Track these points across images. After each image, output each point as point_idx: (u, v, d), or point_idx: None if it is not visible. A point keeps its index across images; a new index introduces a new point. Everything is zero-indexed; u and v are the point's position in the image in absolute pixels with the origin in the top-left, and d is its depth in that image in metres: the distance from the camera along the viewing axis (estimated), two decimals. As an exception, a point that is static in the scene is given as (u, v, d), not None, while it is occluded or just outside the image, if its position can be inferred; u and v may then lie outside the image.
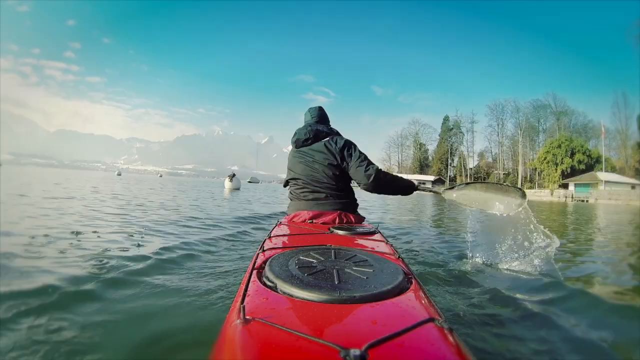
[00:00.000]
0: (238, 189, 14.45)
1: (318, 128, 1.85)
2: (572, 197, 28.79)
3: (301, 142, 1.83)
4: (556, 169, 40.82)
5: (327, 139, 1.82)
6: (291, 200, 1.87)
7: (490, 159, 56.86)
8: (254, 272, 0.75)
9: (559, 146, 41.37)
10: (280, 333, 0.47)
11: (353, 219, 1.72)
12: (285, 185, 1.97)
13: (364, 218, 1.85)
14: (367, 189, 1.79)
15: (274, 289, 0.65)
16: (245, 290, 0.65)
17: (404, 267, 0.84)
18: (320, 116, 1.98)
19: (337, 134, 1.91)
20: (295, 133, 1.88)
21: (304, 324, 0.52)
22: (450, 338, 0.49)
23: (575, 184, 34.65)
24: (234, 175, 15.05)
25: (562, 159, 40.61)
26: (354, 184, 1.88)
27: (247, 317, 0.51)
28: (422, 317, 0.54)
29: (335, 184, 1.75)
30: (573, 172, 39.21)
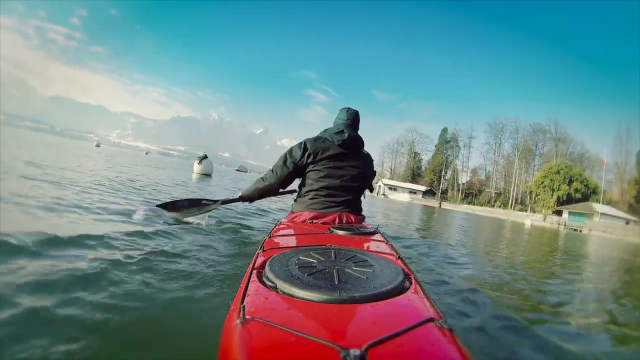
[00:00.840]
0: (209, 174, 11.87)
1: (360, 136, 1.84)
2: (565, 225, 28.38)
3: (347, 144, 1.74)
4: (552, 195, 40.66)
5: (366, 154, 1.89)
6: (301, 196, 1.79)
7: (483, 177, 57.27)
8: (254, 272, 0.75)
9: (558, 172, 41.20)
10: (280, 333, 0.47)
11: (353, 219, 1.72)
12: (297, 168, 1.79)
13: (364, 218, 1.85)
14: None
15: (274, 289, 0.65)
16: (245, 290, 0.65)
17: (404, 267, 0.84)
18: (356, 122, 1.91)
19: None
20: (343, 131, 1.74)
21: (304, 324, 0.52)
22: (450, 338, 0.49)
23: (569, 212, 34.39)
24: (205, 156, 12.02)
25: (560, 185, 40.42)
26: None
27: (247, 317, 0.51)
28: (422, 317, 0.54)
29: (356, 193, 1.83)
30: (569, 200, 38.96)
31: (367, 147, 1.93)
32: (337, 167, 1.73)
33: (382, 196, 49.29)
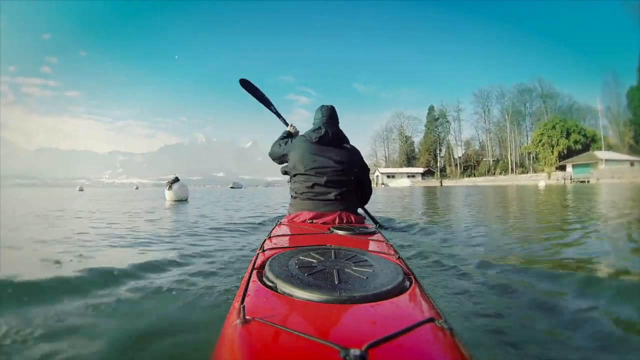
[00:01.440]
0: (184, 200, 10.04)
1: (340, 131, 1.85)
2: (572, 179, 27.53)
3: (326, 139, 1.77)
4: (552, 151, 39.28)
5: (349, 146, 1.85)
6: (294, 198, 1.83)
7: (477, 147, 56.32)
8: (254, 272, 0.75)
9: (554, 127, 39.80)
10: (280, 333, 0.47)
11: (353, 219, 1.72)
12: (285, 173, 1.94)
13: (364, 218, 1.85)
14: (361, 202, 2.05)
15: (274, 289, 0.65)
16: (245, 290, 0.65)
17: (404, 267, 0.84)
18: (334, 117, 1.92)
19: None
20: (320, 127, 1.79)
21: (304, 324, 0.52)
22: (451, 338, 0.49)
23: (573, 165, 33.29)
24: (176, 179, 10.13)
25: (558, 140, 39.06)
26: None
27: (247, 317, 0.51)
28: (422, 317, 0.54)
29: (348, 189, 1.79)
30: (570, 154, 37.78)
31: (358, 141, 1.94)
32: (321, 164, 1.74)
33: (382, 185, 48.42)
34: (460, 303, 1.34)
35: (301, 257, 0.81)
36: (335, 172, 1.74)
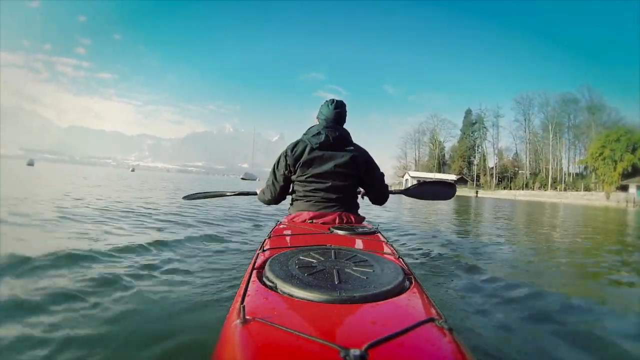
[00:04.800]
0: None
1: (346, 135, 1.78)
2: (634, 203, 23.13)
3: (326, 145, 1.72)
4: (614, 167, 32.29)
5: (354, 148, 1.80)
6: (295, 200, 1.85)
7: (511, 157, 51.74)
8: (254, 272, 0.75)
9: (618, 140, 32.69)
10: (280, 333, 0.47)
11: (353, 219, 1.72)
12: (287, 178, 1.83)
13: (364, 218, 1.85)
14: (376, 204, 1.94)
15: (274, 289, 0.65)
16: (245, 290, 0.65)
17: (404, 267, 0.84)
18: (342, 115, 1.83)
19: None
20: (320, 133, 1.73)
21: (304, 324, 0.52)
22: (450, 338, 0.49)
23: (637, 186, 27.97)
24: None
25: (622, 155, 31.95)
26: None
27: (247, 317, 0.51)
28: (422, 317, 0.54)
29: (349, 191, 1.77)
30: (635, 172, 31.36)
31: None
32: (323, 170, 1.72)
33: None
34: (460, 303, 1.34)
35: (301, 257, 0.81)
36: (336, 176, 1.73)
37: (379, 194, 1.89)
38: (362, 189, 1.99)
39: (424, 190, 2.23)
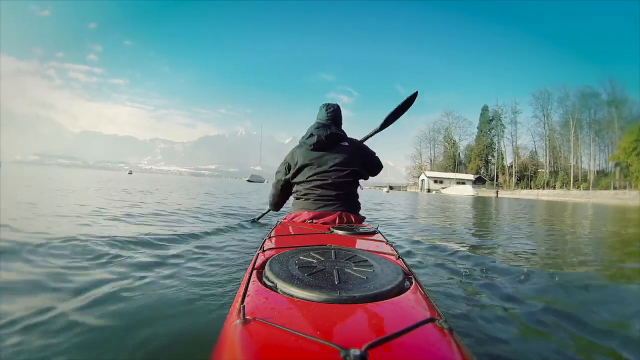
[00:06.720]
0: None
1: (338, 132, 1.84)
2: None
3: (320, 145, 1.78)
4: None
5: (348, 144, 1.83)
6: (295, 198, 1.88)
7: (528, 155, 48.55)
8: (254, 272, 0.75)
9: None
10: (280, 333, 0.47)
11: (353, 219, 1.73)
12: (287, 183, 1.94)
13: (364, 218, 1.85)
14: (372, 176, 2.08)
15: (274, 289, 0.65)
16: (245, 290, 0.65)
17: (404, 267, 0.84)
18: (337, 117, 1.93)
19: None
20: (312, 134, 1.81)
21: (304, 324, 0.52)
22: (451, 338, 0.49)
23: None
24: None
25: None
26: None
27: (247, 317, 0.51)
28: (422, 317, 0.54)
29: (348, 188, 1.79)
30: None
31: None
32: (321, 169, 1.77)
33: (427, 192, 41.51)
34: (460, 303, 1.34)
35: (301, 257, 0.81)
36: (334, 174, 1.75)
37: (375, 167, 2.04)
38: (361, 185, 2.11)
39: (389, 118, 2.49)
